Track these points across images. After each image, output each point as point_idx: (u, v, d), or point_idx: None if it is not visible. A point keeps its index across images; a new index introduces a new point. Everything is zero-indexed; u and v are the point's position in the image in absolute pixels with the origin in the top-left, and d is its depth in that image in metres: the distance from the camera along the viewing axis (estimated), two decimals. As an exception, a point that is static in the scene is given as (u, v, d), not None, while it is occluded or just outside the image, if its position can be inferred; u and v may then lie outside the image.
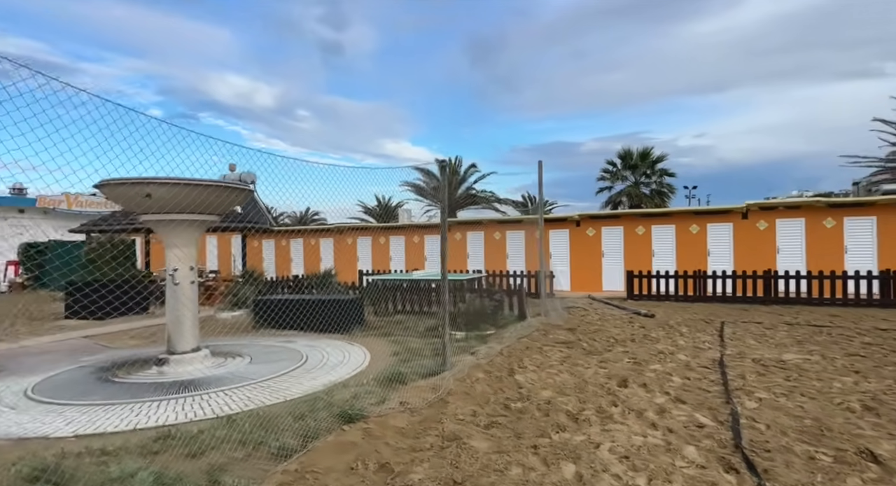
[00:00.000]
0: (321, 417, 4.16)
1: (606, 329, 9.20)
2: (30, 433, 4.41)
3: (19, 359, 7.61)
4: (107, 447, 3.87)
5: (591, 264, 17.01)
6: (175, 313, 6.72)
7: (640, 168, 38.30)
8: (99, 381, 6.22)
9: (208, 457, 3.54)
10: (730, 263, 15.17)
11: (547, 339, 8.12)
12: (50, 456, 3.72)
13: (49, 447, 4.10)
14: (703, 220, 15.79)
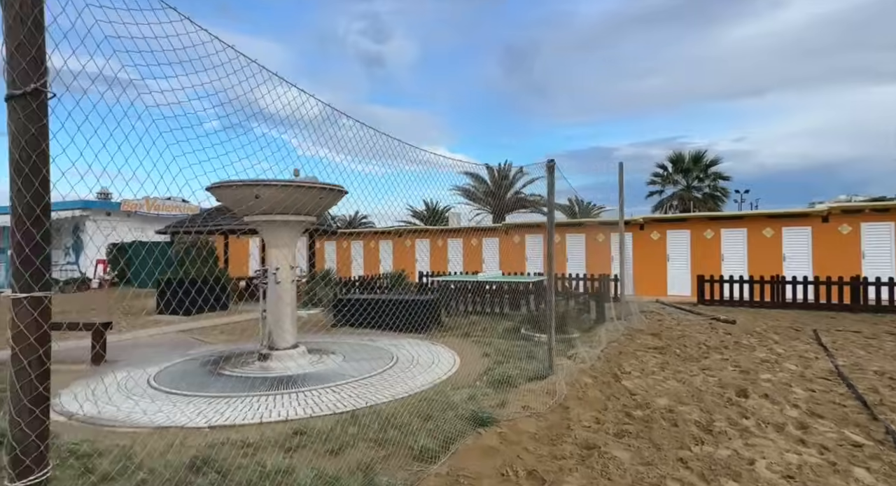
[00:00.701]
0: (447, 417, 4.04)
1: (691, 335, 8.71)
2: (167, 422, 4.52)
3: (129, 351, 7.95)
4: (246, 439, 3.89)
5: (655, 268, 16.32)
6: (276, 311, 6.81)
7: (693, 172, 36.85)
8: (210, 374, 6.37)
9: (349, 455, 3.48)
10: (808, 268, 14.17)
11: (636, 344, 7.75)
12: (198, 446, 3.77)
13: (188, 436, 4.18)
14: (777, 223, 14.84)
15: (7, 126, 1.40)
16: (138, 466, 3.45)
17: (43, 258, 1.53)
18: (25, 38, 1.35)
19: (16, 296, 1.53)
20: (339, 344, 8.17)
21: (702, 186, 37.42)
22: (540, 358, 6.47)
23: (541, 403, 4.45)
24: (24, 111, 1.40)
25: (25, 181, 1.42)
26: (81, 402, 5.22)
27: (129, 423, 4.57)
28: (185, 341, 9.02)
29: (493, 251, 19.22)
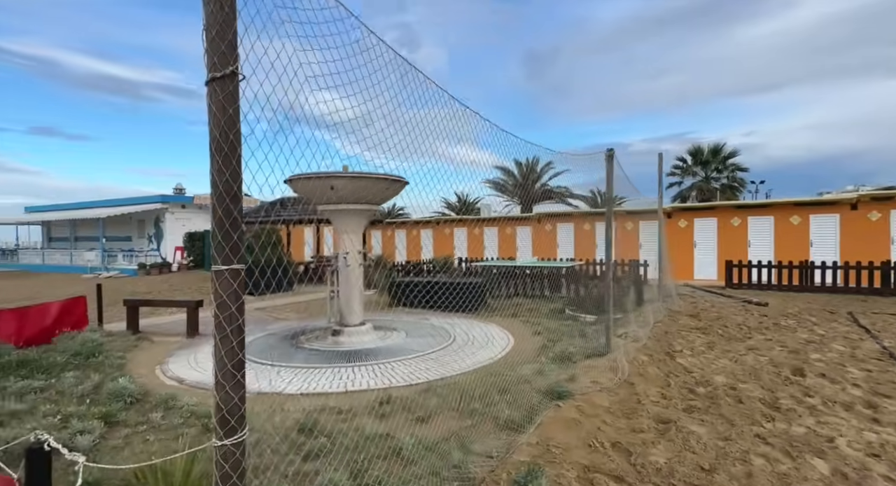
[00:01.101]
0: (523, 390, 3.93)
1: (728, 316, 8.33)
2: (265, 389, 4.59)
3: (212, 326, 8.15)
4: (339, 407, 3.89)
5: (681, 254, 15.71)
6: (346, 292, 6.85)
7: (712, 164, 35.44)
8: (291, 346, 6.47)
9: (438, 423, 3.42)
10: (835, 254, 13.36)
11: (678, 324, 7.45)
12: (298, 411, 3.80)
13: (285, 401, 4.22)
14: (805, 211, 14.01)
15: (208, 108, 1.35)
16: (251, 427, 3.49)
17: (239, 233, 1.49)
18: (225, 22, 1.30)
19: (218, 268, 1.50)
20: (398, 322, 8.18)
21: (719, 177, 36.01)
22: (590, 337, 6.29)
23: (607, 379, 4.29)
24: (223, 93, 1.35)
25: (225, 160, 1.38)
26: (186, 369, 5.37)
27: (230, 389, 4.66)
28: (261, 317, 9.22)
29: (526, 239, 18.93)
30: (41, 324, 6.62)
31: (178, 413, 3.82)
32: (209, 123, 1.37)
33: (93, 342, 5.86)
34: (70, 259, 24.97)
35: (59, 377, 4.83)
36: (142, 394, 4.25)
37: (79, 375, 4.93)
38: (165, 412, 3.85)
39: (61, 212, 28.42)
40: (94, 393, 4.34)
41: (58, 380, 4.73)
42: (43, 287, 16.54)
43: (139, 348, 6.45)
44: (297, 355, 5.93)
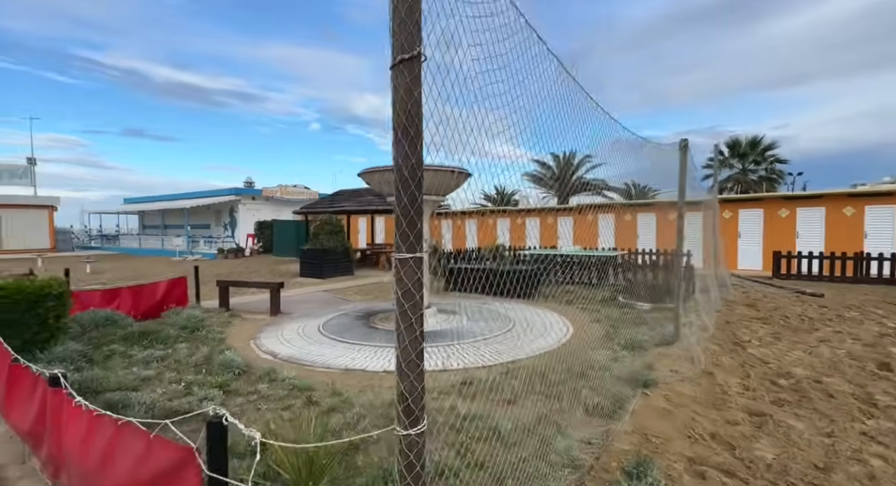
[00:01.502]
0: (603, 377, 3.72)
1: (785, 307, 7.69)
2: (351, 365, 4.60)
3: (294, 305, 8.34)
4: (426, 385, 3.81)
5: (725, 244, 14.74)
6: (414, 277, 6.79)
7: (750, 156, 33.16)
8: (364, 326, 6.51)
9: (525, 406, 3.27)
10: (890, 245, 12.10)
11: (737, 314, 6.94)
12: (386, 388, 3.76)
13: (371, 378, 4.20)
14: (860, 202, 12.75)
15: (393, 91, 1.24)
16: (346, 400, 3.47)
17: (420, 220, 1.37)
18: (413, 2, 1.16)
19: (402, 256, 1.39)
20: (458, 306, 8.08)
21: (757, 169, 33.66)
22: (652, 325, 5.94)
23: (685, 368, 4.00)
24: (410, 75, 1.22)
25: (410, 145, 1.27)
26: (277, 344, 5.50)
27: (320, 363, 4.71)
28: (331, 299, 9.39)
29: (567, 228, 18.35)
30: (152, 300, 6.99)
31: (281, 385, 3.87)
32: (393, 108, 1.25)
33: (195, 318, 6.11)
34: (161, 244, 26.58)
35: (173, 348, 5.05)
36: (246, 366, 4.35)
37: (189, 346, 5.14)
38: (270, 384, 3.91)
39: (153, 203, 30.28)
40: (206, 364, 4.49)
41: (173, 350, 4.95)
42: (142, 268, 17.67)
43: (232, 324, 6.68)
44: (372, 335, 5.95)
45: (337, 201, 16.63)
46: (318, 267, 12.95)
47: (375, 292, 10.36)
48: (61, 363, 4.09)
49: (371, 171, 6.34)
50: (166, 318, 6.48)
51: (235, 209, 26.71)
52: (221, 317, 7.00)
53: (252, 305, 8.33)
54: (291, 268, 16.17)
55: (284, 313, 7.66)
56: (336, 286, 11.24)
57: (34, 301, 3.92)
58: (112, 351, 4.78)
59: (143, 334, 5.30)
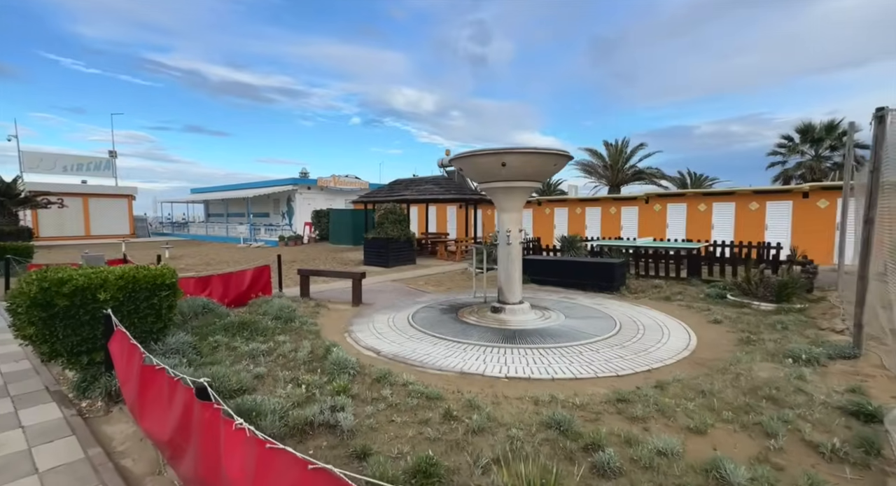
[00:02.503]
0: (799, 401, 2.97)
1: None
2: (466, 368, 4.11)
3: (371, 295, 8.00)
4: (569, 400, 3.25)
5: (820, 235, 13.13)
6: (507, 270, 6.22)
7: (826, 141, 29.89)
8: (454, 321, 6.01)
9: (723, 439, 2.61)
10: None
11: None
12: (526, 400, 3.21)
13: (493, 385, 3.68)
14: None
15: None
16: (490, 417, 2.95)
17: None
18: None
19: None
20: (545, 300, 7.44)
21: (833, 156, 30.33)
22: (793, 329, 5.05)
23: None
24: None
25: None
26: (374, 338, 5.11)
27: (430, 364, 4.25)
28: (405, 289, 9.01)
29: (632, 219, 17.13)
30: (240, 288, 6.84)
31: (404, 392, 3.43)
32: None
33: (288, 308, 5.85)
34: (226, 231, 27.60)
35: (274, 341, 4.76)
36: (359, 366, 3.94)
37: (289, 340, 4.84)
38: (392, 389, 3.48)
39: (217, 193, 31.49)
40: (315, 361, 4.14)
41: (275, 344, 4.66)
42: (212, 253, 18.26)
43: (320, 314, 6.40)
44: (469, 331, 5.44)
45: (396, 190, 16.31)
46: (383, 256, 12.68)
47: (446, 282, 9.90)
48: (175, 355, 3.86)
49: (471, 155, 5.76)
50: (256, 306, 6.29)
51: (292, 199, 27.21)
52: (308, 307, 6.75)
53: (330, 294, 8.09)
54: (351, 256, 16.09)
55: (366, 303, 7.33)
56: (404, 276, 10.89)
57: (151, 290, 3.68)
58: (217, 343, 4.55)
59: (243, 325, 5.07)
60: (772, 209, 14.14)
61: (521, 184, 5.87)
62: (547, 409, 3.08)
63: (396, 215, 13.07)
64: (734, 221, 14.82)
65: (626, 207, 17.34)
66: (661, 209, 16.40)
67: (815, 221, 13.30)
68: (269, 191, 25.88)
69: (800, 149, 30.71)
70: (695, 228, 15.56)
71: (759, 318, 5.75)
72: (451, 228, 23.65)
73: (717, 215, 15.30)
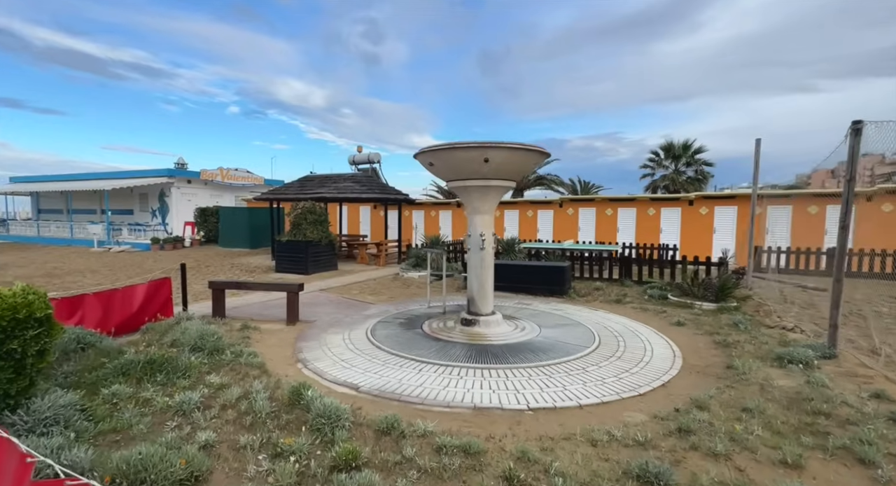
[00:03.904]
0: (848, 415, 2.97)
1: (821, 305, 7.71)
2: (476, 401, 3.44)
3: (306, 310, 6.75)
4: (628, 435, 2.82)
5: (701, 237, 15.32)
6: (480, 278, 5.68)
7: (683, 158, 35.92)
8: (424, 337, 5.27)
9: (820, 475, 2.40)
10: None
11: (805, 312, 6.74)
12: (581, 442, 2.70)
13: (519, 420, 3.12)
14: (822, 202, 13.78)
15: None
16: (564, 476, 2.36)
17: None
18: None
19: None
20: (504, 308, 7.08)
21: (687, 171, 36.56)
22: (753, 330, 5.44)
23: None
24: None
25: None
26: (342, 369, 4.12)
27: (431, 399, 3.49)
28: (342, 301, 7.89)
29: (547, 222, 18.04)
30: (128, 310, 5.14)
31: (431, 446, 2.65)
32: None
33: (212, 335, 4.47)
34: (70, 232, 22.16)
35: (205, 384, 3.50)
36: (352, 416, 3.00)
37: (228, 380, 3.61)
38: (414, 446, 2.66)
39: (54, 183, 25.15)
40: (284, 410, 3.07)
41: (211, 389, 3.41)
42: (55, 260, 14.29)
43: (251, 339, 5.09)
44: (449, 351, 4.77)
45: (309, 187, 14.66)
46: (301, 262, 11.15)
47: (383, 290, 9.00)
48: (53, 428, 2.48)
49: (442, 148, 5.09)
50: (157, 334, 4.73)
51: (167, 193, 23.12)
52: (232, 330, 5.34)
53: (249, 310, 6.63)
54: (253, 261, 14.01)
55: (304, 320, 6.14)
56: (331, 284, 9.66)
57: (7, 330, 2.27)
58: (117, 397, 3.15)
59: (151, 365, 3.65)
60: (665, 215, 16.07)
61: (500, 183, 5.40)
62: (612, 451, 2.61)
63: (316, 215, 11.64)
64: (635, 225, 16.54)
65: (543, 211, 18.21)
66: (573, 213, 17.57)
67: (698, 225, 15.46)
68: (133, 183, 21.48)
69: (663, 164, 36.31)
70: (603, 230, 16.96)
71: (711, 318, 6.16)
72: (365, 230, 22.39)
73: (622, 220, 16.92)
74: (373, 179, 15.68)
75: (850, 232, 4.10)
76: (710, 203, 15.35)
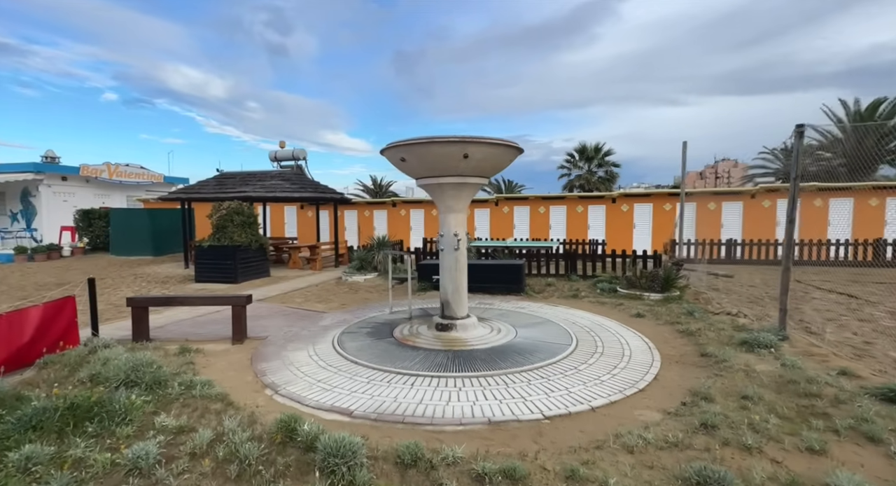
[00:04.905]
0: (833, 395, 3.26)
1: (737, 290, 8.77)
2: (490, 415, 3.20)
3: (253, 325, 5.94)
4: (659, 438, 2.79)
5: (623, 232, 16.74)
6: (455, 280, 5.44)
7: (595, 159, 39.24)
8: (400, 347, 4.89)
9: (827, 451, 2.57)
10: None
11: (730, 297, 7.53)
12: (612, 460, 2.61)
13: (539, 431, 2.98)
14: (719, 199, 15.84)
15: None
16: None
17: None
18: None
19: None
20: (471, 309, 6.90)
21: (598, 171, 39.98)
22: (705, 317, 5.92)
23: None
24: None
25: None
26: (321, 391, 3.60)
27: (438, 418, 3.18)
28: (285, 310, 7.11)
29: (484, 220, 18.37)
30: (17, 340, 4.03)
31: (470, 476, 2.35)
32: None
33: (149, 365, 3.63)
34: None
35: (158, 429, 2.79)
36: (370, 456, 2.57)
37: (187, 421, 2.93)
38: (451, 475, 2.34)
39: None
40: (275, 450, 2.53)
41: (168, 435, 2.72)
42: None
43: (196, 364, 4.28)
44: (435, 359, 4.46)
45: (230, 185, 13.17)
46: (228, 269, 9.90)
47: (330, 297, 8.35)
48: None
49: (418, 143, 4.74)
50: (67, 369, 3.75)
51: (33, 192, 19.45)
52: (167, 356, 4.45)
53: (177, 329, 5.64)
54: (164, 271, 12.24)
55: (253, 337, 5.37)
56: (268, 293, 8.72)
57: None
58: (33, 460, 2.36)
59: (75, 412, 2.83)
60: (592, 212, 17.25)
61: (476, 180, 5.21)
62: (652, 457, 2.55)
63: (245, 217, 10.43)
64: (566, 222, 17.54)
65: (479, 209, 18.47)
66: (509, 211, 18.10)
67: (620, 221, 16.85)
68: (-14, 179, 17.63)
69: (578, 164, 39.33)
70: (536, 227, 17.71)
71: (664, 308, 6.62)
72: (292, 232, 20.85)
73: (554, 217, 17.82)
74: (303, 177, 14.59)
75: (795, 225, 4.62)
76: (630, 201, 16.79)
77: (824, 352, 4.30)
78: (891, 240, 12.75)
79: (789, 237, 4.64)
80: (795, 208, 4.57)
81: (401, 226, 19.23)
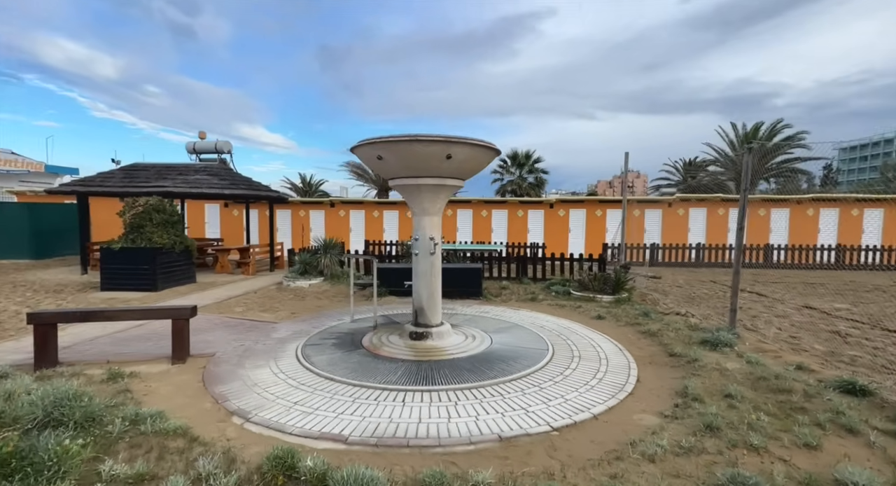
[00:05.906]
0: (801, 390, 3.56)
1: (670, 290, 9.57)
2: (499, 432, 3.04)
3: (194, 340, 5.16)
4: (670, 443, 2.83)
5: (559, 236, 17.62)
6: (430, 286, 5.21)
7: (525, 165, 41.13)
8: (375, 359, 4.54)
9: (822, 445, 2.77)
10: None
11: (669, 298, 8.16)
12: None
13: (553, 445, 2.91)
14: (642, 206, 17.31)
15: None
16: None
17: None
18: None
19: None
20: (432, 315, 6.69)
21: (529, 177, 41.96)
22: (659, 318, 6.30)
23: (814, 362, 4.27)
24: None
25: None
26: (303, 417, 3.17)
27: (445, 438, 2.95)
28: (227, 322, 6.32)
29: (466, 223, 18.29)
30: None
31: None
32: None
33: (79, 397, 2.92)
34: None
35: (112, 481, 2.22)
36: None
37: (144, 466, 2.38)
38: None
39: None
40: (282, 504, 2.12)
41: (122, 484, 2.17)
42: None
43: (135, 392, 3.57)
44: (419, 371, 4.19)
45: (143, 179, 11.54)
46: (145, 275, 8.60)
47: (275, 305, 7.64)
48: None
49: (399, 141, 4.44)
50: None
51: None
52: (91, 382, 3.65)
53: (92, 349, 4.71)
54: (50, 277, 10.41)
55: (198, 354, 4.65)
56: (200, 302, 7.73)
57: None
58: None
59: None
60: (532, 216, 17.93)
61: (453, 182, 5.02)
62: (674, 465, 2.56)
63: (166, 215, 9.17)
64: (507, 225, 18.03)
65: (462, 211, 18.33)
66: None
67: (557, 225, 17.71)
68: None
69: (510, 170, 40.90)
70: (479, 231, 17.99)
71: (620, 309, 6.96)
72: (214, 232, 18.95)
73: (496, 221, 18.22)
74: (233, 173, 13.28)
75: (744, 232, 5.10)
76: (566, 206, 17.71)
77: (774, 348, 4.79)
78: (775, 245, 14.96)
79: (739, 242, 5.12)
80: (745, 216, 5.06)
81: (340, 227, 18.39)
